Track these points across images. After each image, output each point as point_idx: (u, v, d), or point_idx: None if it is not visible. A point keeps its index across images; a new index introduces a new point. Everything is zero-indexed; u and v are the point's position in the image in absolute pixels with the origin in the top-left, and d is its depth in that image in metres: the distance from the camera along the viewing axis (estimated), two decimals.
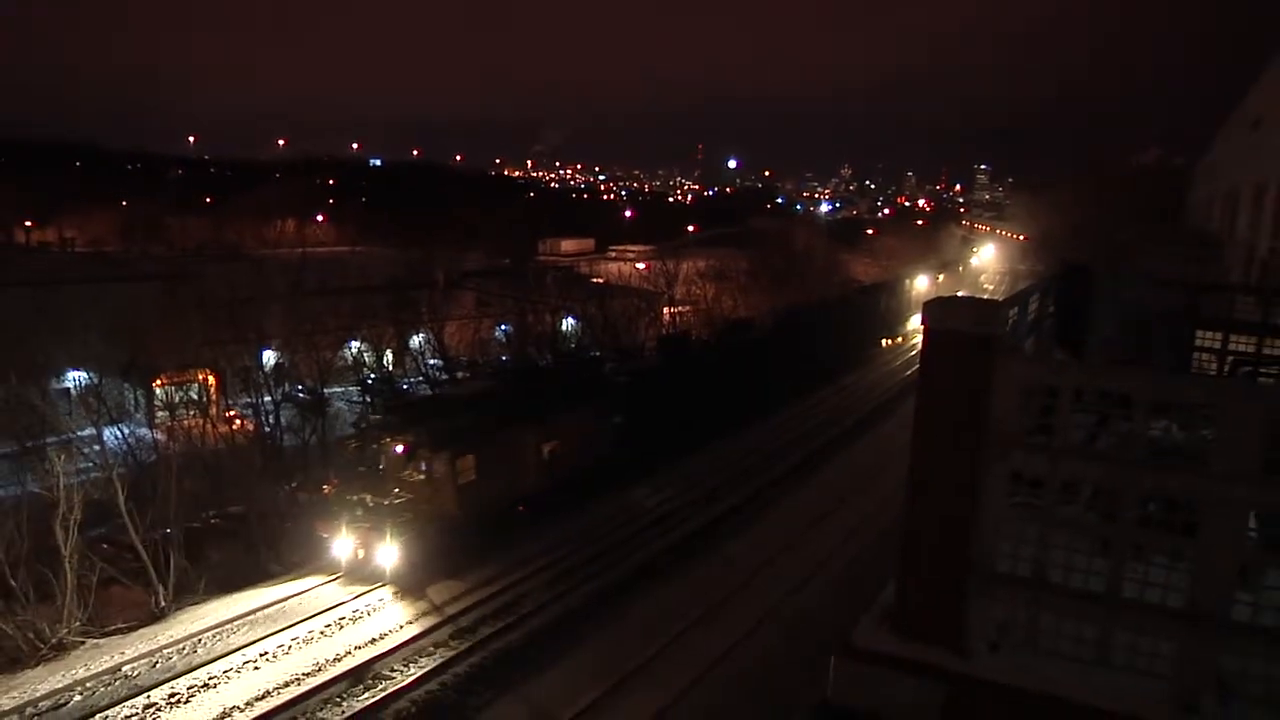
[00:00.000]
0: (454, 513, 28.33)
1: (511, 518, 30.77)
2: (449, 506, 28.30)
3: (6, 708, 20.73)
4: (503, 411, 30.95)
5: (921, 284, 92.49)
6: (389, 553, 26.59)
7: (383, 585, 26.57)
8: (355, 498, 27.92)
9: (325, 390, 40.59)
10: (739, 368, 46.69)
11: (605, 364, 40.55)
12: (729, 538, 31.96)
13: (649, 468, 37.49)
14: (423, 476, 28.58)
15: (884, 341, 76.39)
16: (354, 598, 25.89)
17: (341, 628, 24.42)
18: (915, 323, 77.87)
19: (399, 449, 28.47)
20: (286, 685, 21.26)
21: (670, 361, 42.78)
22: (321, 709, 20.49)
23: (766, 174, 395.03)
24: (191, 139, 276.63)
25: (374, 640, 23.60)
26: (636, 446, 36.93)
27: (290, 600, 25.94)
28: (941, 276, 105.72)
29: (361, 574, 26.95)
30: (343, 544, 27.30)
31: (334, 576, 27.29)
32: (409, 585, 26.55)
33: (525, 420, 31.54)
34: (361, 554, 27.00)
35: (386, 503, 27.72)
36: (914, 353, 66.65)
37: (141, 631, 24.69)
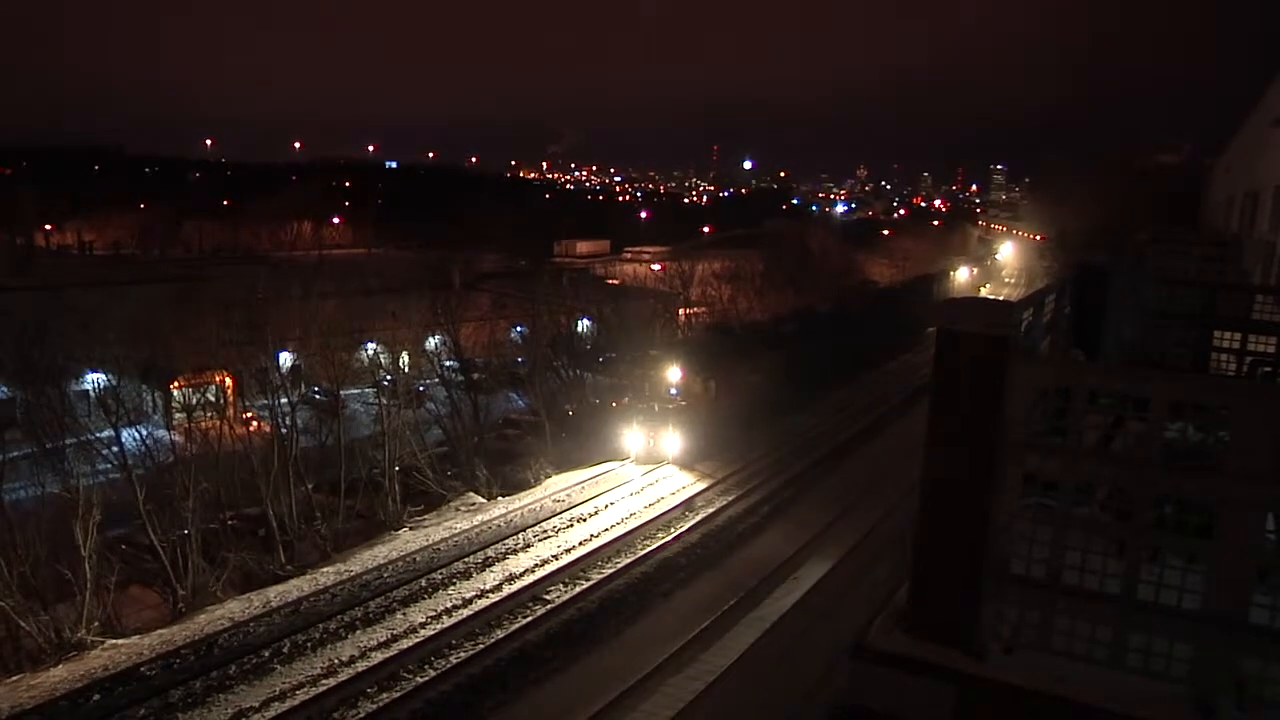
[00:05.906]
0: (703, 418, 41.85)
1: (734, 425, 43.60)
2: (702, 414, 42.00)
3: (28, 707, 20.95)
4: (726, 352, 46.72)
5: (963, 275, 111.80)
6: (672, 440, 40.18)
7: (666, 464, 40.03)
8: (644, 405, 41.62)
9: (341, 392, 40.75)
10: (847, 333, 61.37)
11: (776, 325, 57.89)
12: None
13: (811, 395, 52.93)
14: (687, 392, 42.53)
15: None
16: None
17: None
18: None
19: (675, 373, 43.02)
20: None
21: (805, 326, 57.70)
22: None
23: (782, 175, 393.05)
24: (209, 142, 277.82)
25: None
26: (796, 381, 51.34)
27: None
28: (975, 270, 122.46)
29: (648, 458, 40.27)
30: (635, 436, 40.86)
31: (626, 460, 40.71)
32: (684, 463, 39.98)
33: (739, 358, 46.67)
34: (651, 443, 40.36)
35: (670, 407, 41.30)
36: None
37: (159, 632, 24.93)
